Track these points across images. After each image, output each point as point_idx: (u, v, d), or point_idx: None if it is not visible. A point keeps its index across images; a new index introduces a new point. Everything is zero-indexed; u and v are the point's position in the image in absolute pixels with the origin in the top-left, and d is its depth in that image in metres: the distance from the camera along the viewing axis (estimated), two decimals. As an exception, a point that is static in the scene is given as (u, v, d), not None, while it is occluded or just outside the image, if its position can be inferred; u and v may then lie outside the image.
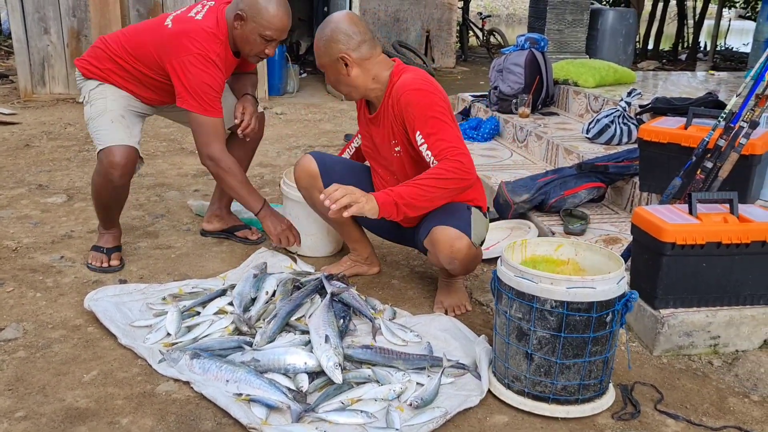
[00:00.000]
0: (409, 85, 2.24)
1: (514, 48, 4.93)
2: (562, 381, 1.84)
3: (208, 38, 2.52)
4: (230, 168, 2.62)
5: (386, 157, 2.43)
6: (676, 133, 2.80)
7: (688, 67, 9.81)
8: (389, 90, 2.31)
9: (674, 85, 5.05)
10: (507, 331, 1.90)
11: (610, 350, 1.85)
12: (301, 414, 1.82)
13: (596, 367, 1.85)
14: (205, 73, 2.50)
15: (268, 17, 2.49)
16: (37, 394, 1.92)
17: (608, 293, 1.78)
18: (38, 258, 2.85)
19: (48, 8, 6.27)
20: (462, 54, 11.14)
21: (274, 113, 6.32)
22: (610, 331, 1.82)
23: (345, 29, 2.25)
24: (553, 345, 1.82)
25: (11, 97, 6.49)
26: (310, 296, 2.37)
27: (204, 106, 2.53)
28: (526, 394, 1.89)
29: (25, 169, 4.19)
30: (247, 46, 2.57)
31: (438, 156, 2.16)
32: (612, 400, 1.92)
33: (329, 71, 2.32)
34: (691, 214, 2.23)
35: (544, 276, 1.80)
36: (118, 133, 2.62)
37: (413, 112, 2.21)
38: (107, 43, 2.70)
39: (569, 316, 1.78)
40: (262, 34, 2.52)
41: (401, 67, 2.34)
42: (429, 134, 2.19)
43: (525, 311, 1.83)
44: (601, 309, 1.78)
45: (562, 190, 3.15)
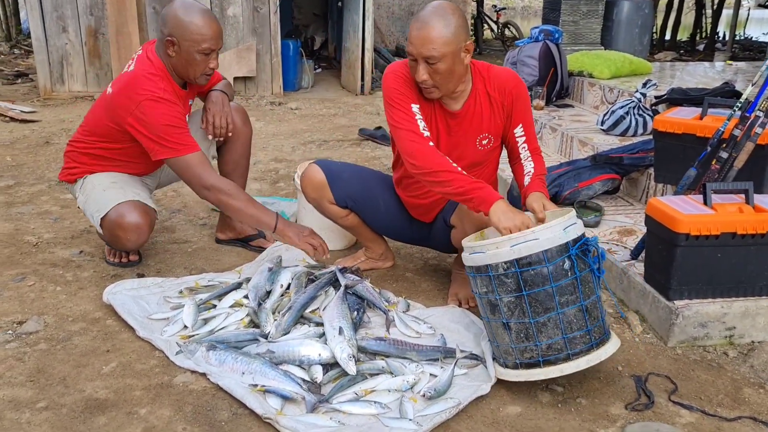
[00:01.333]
0: (516, 77, 2.31)
1: (529, 40, 4.92)
2: (545, 340, 1.85)
3: (147, 79, 2.42)
4: (230, 191, 2.43)
5: (463, 152, 2.34)
6: (692, 123, 2.77)
7: (706, 57, 9.69)
8: (483, 82, 2.28)
9: (690, 76, 5.00)
10: (484, 311, 1.94)
11: (586, 298, 1.85)
12: (315, 404, 1.84)
13: (576, 318, 1.85)
14: (161, 114, 2.39)
15: (197, 30, 2.38)
16: (58, 385, 1.96)
17: (554, 240, 1.81)
18: (58, 253, 2.90)
19: (66, 7, 6.34)
20: (477, 47, 11.10)
21: (288, 108, 6.35)
22: (575, 277, 1.83)
23: (465, 17, 2.19)
24: (521, 306, 1.85)
25: (31, 96, 6.57)
26: (324, 289, 2.39)
27: (175, 147, 2.40)
28: (519, 365, 1.91)
29: (45, 166, 4.25)
30: (190, 67, 2.45)
31: (533, 152, 2.31)
32: (613, 349, 1.90)
33: (449, 60, 2.09)
34: (705, 205, 2.22)
35: (489, 243, 1.86)
36: (114, 195, 2.54)
37: (523, 104, 2.29)
38: (74, 142, 2.69)
39: (524, 273, 1.81)
40: (199, 50, 2.40)
41: (476, 61, 2.31)
42: (527, 128, 2.32)
43: (486, 283, 1.88)
44: (553, 257, 1.80)
45: (576, 182, 3.14)
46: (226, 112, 2.69)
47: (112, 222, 2.51)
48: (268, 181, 4.06)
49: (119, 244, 2.59)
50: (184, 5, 2.42)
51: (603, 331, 1.92)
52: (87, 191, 2.63)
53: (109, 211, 2.51)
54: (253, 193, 3.52)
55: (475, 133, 2.32)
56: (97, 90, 6.55)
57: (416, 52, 2.10)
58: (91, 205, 2.60)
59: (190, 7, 2.42)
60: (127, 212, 2.50)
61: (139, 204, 2.55)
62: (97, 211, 2.56)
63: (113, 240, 2.59)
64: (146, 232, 2.56)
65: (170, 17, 2.41)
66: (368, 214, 2.62)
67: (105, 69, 6.52)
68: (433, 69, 2.11)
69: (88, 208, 2.62)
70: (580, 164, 3.26)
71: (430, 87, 2.16)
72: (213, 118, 2.67)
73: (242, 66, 6.70)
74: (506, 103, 2.28)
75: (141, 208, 2.54)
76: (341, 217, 2.63)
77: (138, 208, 2.52)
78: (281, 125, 5.68)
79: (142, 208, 2.54)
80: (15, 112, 5.64)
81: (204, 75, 2.51)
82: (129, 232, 2.51)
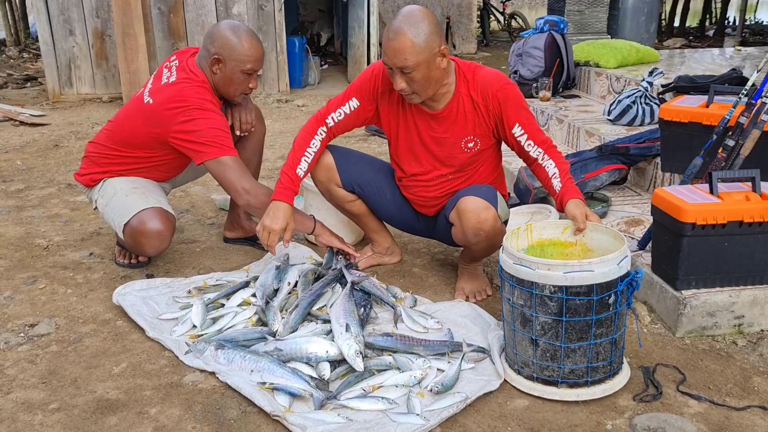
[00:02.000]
0: (501, 79, 2.28)
1: (534, 31, 4.89)
2: (569, 365, 1.84)
3: (195, 90, 2.47)
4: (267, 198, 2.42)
5: (446, 154, 2.37)
6: (698, 111, 2.75)
7: (715, 43, 9.59)
8: (467, 85, 2.27)
9: (698, 63, 4.96)
10: (512, 318, 1.91)
11: (617, 331, 1.85)
12: (323, 401, 1.86)
13: (604, 349, 1.84)
14: (209, 120, 2.45)
15: (244, 51, 2.47)
16: (70, 386, 1.98)
17: (608, 275, 1.77)
18: (68, 255, 2.93)
19: (72, 10, 6.38)
20: (483, 39, 11.05)
21: (295, 106, 6.36)
22: (615, 312, 1.82)
23: (436, 21, 2.16)
24: (556, 330, 1.82)
25: (40, 99, 6.63)
26: (331, 286, 2.40)
27: (222, 148, 2.44)
28: (536, 379, 1.90)
29: (55, 169, 4.29)
30: (232, 86, 2.53)
31: (542, 145, 2.28)
32: (625, 380, 1.91)
33: (423, 68, 2.12)
34: (712, 194, 2.21)
35: (541, 262, 1.81)
36: (137, 201, 2.57)
37: (512, 106, 2.26)
38: (98, 146, 2.70)
39: (569, 301, 1.78)
40: (243, 70, 2.49)
41: (462, 62, 2.32)
42: (526, 126, 2.28)
43: (526, 298, 1.84)
44: (601, 291, 1.78)
45: (583, 173, 3.12)
46: (250, 109, 2.74)
47: (134, 229, 2.53)
48: (275, 178, 4.06)
49: (141, 250, 2.62)
50: (232, 26, 2.52)
51: (621, 360, 1.93)
52: (108, 195, 2.64)
53: (132, 218, 2.53)
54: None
55: (460, 135, 2.32)
56: (105, 92, 6.60)
57: (390, 63, 2.13)
58: (112, 210, 2.62)
59: (238, 29, 2.51)
60: (150, 219, 2.52)
61: (161, 211, 2.57)
62: (119, 217, 2.58)
63: (135, 246, 2.61)
64: (168, 238, 2.59)
65: (219, 36, 2.48)
66: (374, 201, 2.63)
67: (112, 71, 6.56)
68: (409, 78, 2.14)
69: (109, 213, 2.64)
70: (587, 155, 3.25)
71: (410, 94, 2.20)
72: (240, 115, 2.71)
73: (248, 64, 6.70)
74: (491, 108, 2.27)
75: (163, 215, 2.56)
76: (348, 201, 2.63)
77: (160, 215, 2.55)
78: (288, 123, 5.70)
79: (164, 215, 2.57)
80: (25, 116, 5.69)
81: (243, 94, 2.60)
82: (152, 238, 2.54)
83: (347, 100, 2.40)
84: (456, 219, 2.34)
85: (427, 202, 2.52)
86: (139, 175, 2.69)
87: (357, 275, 2.42)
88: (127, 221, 2.55)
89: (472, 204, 2.26)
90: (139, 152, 2.62)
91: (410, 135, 2.40)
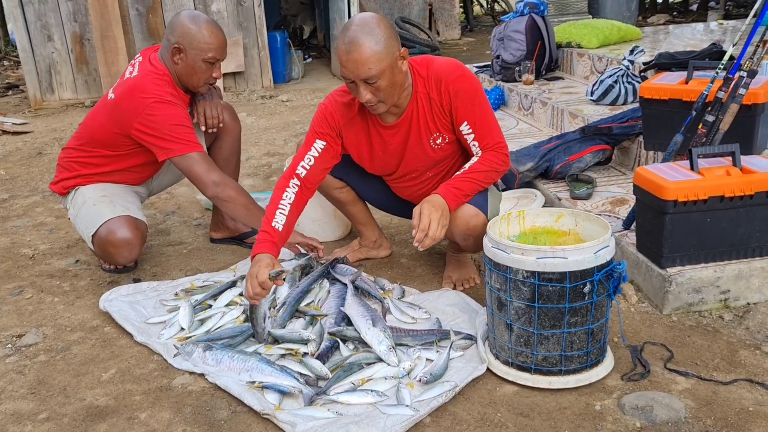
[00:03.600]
0: (453, 71, 2.19)
1: (514, 15, 4.87)
2: (542, 351, 1.84)
3: (154, 83, 2.45)
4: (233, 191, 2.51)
5: (417, 159, 2.34)
6: (677, 88, 2.75)
7: (699, 17, 9.58)
8: (422, 82, 2.22)
9: (679, 39, 4.96)
10: (491, 302, 1.92)
11: (594, 322, 1.82)
12: (313, 397, 1.86)
13: (578, 339, 1.83)
14: (169, 114, 2.44)
15: (204, 39, 2.44)
16: (59, 395, 1.98)
17: (582, 263, 1.76)
18: (54, 263, 2.92)
19: (49, 15, 6.33)
20: (467, 24, 11.01)
21: (279, 101, 6.33)
22: (591, 302, 1.79)
23: (389, 24, 2.08)
24: (529, 315, 1.82)
25: (22, 107, 6.58)
26: (318, 282, 2.40)
27: (187, 144, 2.44)
28: (510, 364, 1.91)
29: (39, 177, 4.26)
30: (194, 76, 2.50)
31: (485, 147, 2.21)
32: (604, 372, 1.89)
33: (387, 75, 2.05)
34: (692, 170, 2.21)
35: (515, 246, 1.80)
36: (104, 210, 2.54)
37: (462, 99, 2.18)
38: (68, 151, 2.70)
39: (541, 287, 1.78)
40: (205, 59, 2.46)
41: (416, 59, 2.25)
42: (476, 124, 2.20)
43: (501, 282, 1.85)
44: (575, 279, 1.76)
45: (567, 155, 3.13)
46: (215, 104, 2.70)
47: (102, 239, 2.52)
48: (261, 176, 4.07)
49: (111, 260, 2.61)
50: (191, 15, 2.50)
51: (601, 351, 1.91)
52: (78, 206, 2.63)
53: (99, 228, 2.52)
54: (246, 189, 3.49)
55: (426, 135, 2.28)
56: (87, 96, 6.56)
57: (353, 75, 2.03)
58: (81, 221, 2.61)
59: (198, 17, 2.49)
60: (117, 228, 2.50)
61: (129, 219, 2.55)
62: (87, 228, 2.57)
63: (105, 256, 2.62)
64: (137, 246, 2.57)
65: (179, 26, 2.46)
66: (362, 188, 2.61)
67: (93, 75, 6.51)
68: (374, 87, 2.05)
69: (79, 224, 2.63)
70: (570, 137, 3.24)
71: (376, 104, 2.12)
72: (204, 110, 2.67)
73: (230, 62, 6.67)
74: (444, 102, 2.21)
75: (131, 223, 2.54)
76: (336, 188, 2.60)
77: (128, 224, 2.53)
78: (272, 118, 5.67)
79: (132, 223, 2.54)
80: (7, 125, 5.65)
81: (207, 84, 2.56)
82: (120, 248, 2.52)
83: (311, 144, 2.28)
84: None
85: (416, 199, 2.51)
86: (109, 179, 2.66)
87: (348, 271, 2.42)
88: (94, 232, 2.53)
89: (461, 211, 2.21)
90: (105, 151, 2.60)
91: (380, 151, 2.34)
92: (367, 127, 2.31)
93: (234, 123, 2.85)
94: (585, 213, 2.04)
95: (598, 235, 1.93)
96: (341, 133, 2.32)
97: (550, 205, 3.00)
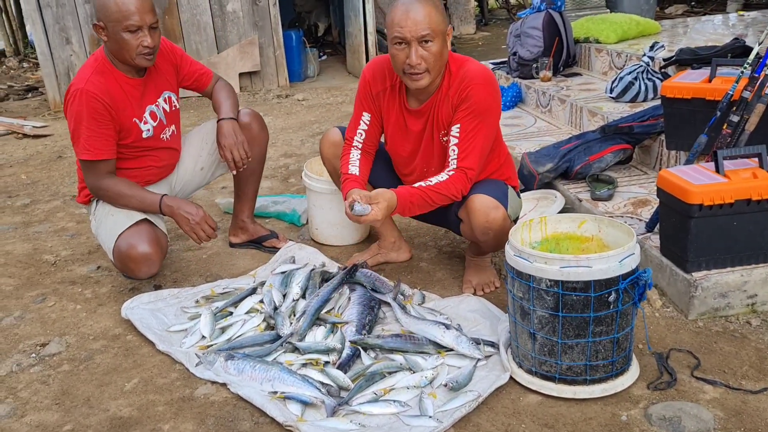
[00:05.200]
0: (475, 78, 2.18)
1: (531, 11, 4.82)
2: (567, 361, 1.82)
3: (80, 73, 2.42)
4: (109, 186, 2.46)
5: (428, 152, 2.34)
6: (700, 87, 2.70)
7: (718, 7, 9.41)
8: (449, 78, 2.23)
9: (699, 33, 4.87)
10: (513, 310, 1.90)
11: (620, 330, 1.80)
12: (335, 408, 1.85)
13: (604, 348, 1.80)
14: (74, 110, 2.38)
15: (116, 8, 2.30)
16: (83, 406, 1.99)
17: (607, 272, 1.73)
18: (76, 270, 2.93)
19: (67, 18, 6.36)
20: (482, 18, 10.93)
21: (296, 100, 6.33)
22: (616, 310, 1.77)
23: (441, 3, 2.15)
24: (553, 324, 1.80)
25: (42, 110, 6.63)
26: (338, 290, 2.39)
27: (80, 150, 2.42)
28: (534, 373, 1.89)
29: (59, 181, 4.29)
30: (124, 50, 2.37)
31: (460, 164, 2.20)
32: (630, 381, 1.87)
33: (438, 42, 2.11)
34: (717, 173, 2.17)
35: (538, 255, 1.78)
36: (122, 219, 2.48)
37: (470, 106, 2.17)
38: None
39: (565, 296, 1.75)
40: (124, 27, 2.31)
41: (454, 55, 2.25)
42: (467, 135, 2.19)
43: (524, 290, 1.82)
44: (600, 288, 1.73)
45: (587, 155, 3.09)
46: (240, 142, 2.59)
47: (122, 254, 2.44)
48: (279, 178, 4.06)
49: (132, 274, 2.51)
50: None
51: (626, 360, 1.88)
52: (99, 217, 2.59)
53: (118, 241, 2.45)
54: (264, 192, 3.52)
55: (438, 129, 2.29)
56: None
57: (409, 33, 2.09)
58: (102, 233, 2.57)
59: None
60: (137, 243, 2.42)
61: (149, 230, 2.47)
62: (106, 241, 2.53)
63: (126, 270, 2.51)
64: (157, 262, 2.47)
65: (96, 3, 2.37)
66: (379, 178, 2.57)
67: (111, 77, 6.54)
68: (426, 49, 2.10)
69: (100, 236, 2.60)
70: (590, 137, 3.20)
71: (423, 72, 2.14)
72: (231, 154, 2.57)
73: (246, 61, 6.68)
74: (455, 102, 2.21)
75: (150, 236, 2.45)
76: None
77: (148, 236, 2.44)
78: (289, 118, 5.67)
79: (152, 235, 2.46)
80: (27, 129, 5.69)
81: (141, 55, 2.39)
82: (140, 263, 2.43)
83: (360, 117, 2.41)
84: (465, 216, 2.30)
85: None
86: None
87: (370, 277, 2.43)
88: (113, 245, 2.47)
89: (480, 203, 2.21)
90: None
91: (401, 131, 2.38)
92: (396, 104, 2.36)
93: (262, 133, 2.82)
94: (608, 218, 2.01)
95: (622, 242, 1.90)
96: (380, 102, 2.38)
97: (571, 206, 2.97)
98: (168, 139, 2.68)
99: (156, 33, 2.42)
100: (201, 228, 2.47)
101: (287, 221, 3.31)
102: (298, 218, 3.26)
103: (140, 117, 2.54)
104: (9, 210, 3.80)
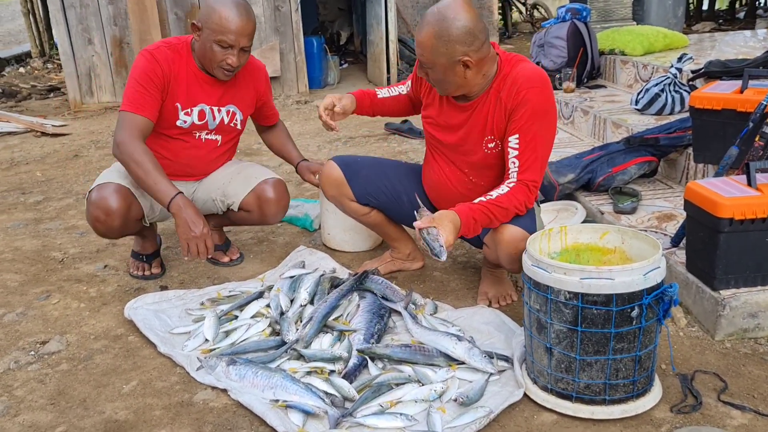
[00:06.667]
0: (531, 80, 2.04)
1: (555, 21, 4.74)
2: (585, 379, 1.71)
3: (158, 42, 2.50)
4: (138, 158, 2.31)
5: (469, 150, 2.22)
6: (731, 98, 2.59)
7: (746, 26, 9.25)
8: (498, 81, 2.10)
9: (729, 47, 4.75)
10: (529, 323, 1.80)
11: (642, 348, 1.69)
12: (338, 419, 1.76)
13: (625, 366, 1.69)
14: (136, 67, 2.43)
15: (219, 21, 2.32)
16: (78, 407, 1.92)
17: (630, 285, 1.62)
18: (83, 268, 2.88)
19: (90, 19, 6.39)
20: (506, 31, 10.85)
21: (315, 106, 6.29)
22: (639, 327, 1.66)
23: (472, 28, 1.97)
24: (571, 339, 1.69)
25: (62, 109, 6.66)
26: (347, 296, 2.30)
27: (125, 102, 2.40)
28: (550, 391, 1.78)
29: (74, 180, 4.27)
30: (206, 56, 2.41)
31: (521, 176, 2.05)
32: (652, 403, 1.75)
33: (439, 70, 2.03)
34: (749, 186, 2.06)
35: (557, 265, 1.67)
36: (113, 174, 2.48)
37: (526, 111, 2.02)
38: None
39: (585, 309, 1.64)
40: (217, 40, 2.35)
41: (507, 55, 2.14)
42: (527, 145, 2.04)
43: (541, 302, 1.72)
44: (622, 302, 1.62)
45: (610, 167, 2.99)
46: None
47: (91, 198, 2.43)
48: (294, 182, 4.00)
49: (91, 222, 2.45)
50: None
51: (649, 380, 1.77)
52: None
53: (96, 188, 2.45)
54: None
55: (481, 134, 2.16)
56: (126, 100, 6.60)
57: (416, 53, 2.09)
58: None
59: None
60: (109, 195, 2.40)
61: (127, 194, 2.43)
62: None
63: (88, 218, 2.47)
64: (116, 219, 2.40)
65: (205, 4, 2.41)
66: (392, 210, 2.51)
67: (132, 78, 6.55)
68: (426, 72, 2.10)
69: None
70: (614, 148, 3.10)
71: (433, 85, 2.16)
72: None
73: (266, 66, 6.64)
74: (508, 106, 2.07)
75: (126, 196, 2.42)
76: (363, 214, 2.53)
77: (123, 195, 2.41)
78: (307, 124, 5.62)
79: (127, 198, 2.43)
80: (47, 127, 5.71)
81: (221, 68, 2.43)
82: (99, 210, 2.39)
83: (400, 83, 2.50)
84: (491, 243, 2.18)
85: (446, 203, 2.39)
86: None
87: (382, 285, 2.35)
88: (88, 194, 2.48)
89: (510, 235, 2.07)
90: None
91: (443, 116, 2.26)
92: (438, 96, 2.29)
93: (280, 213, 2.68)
94: (632, 230, 1.90)
95: (646, 254, 1.80)
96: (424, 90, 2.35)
97: (592, 218, 2.87)
98: (203, 142, 2.61)
99: (245, 55, 2.46)
100: (196, 243, 2.29)
101: (299, 226, 3.24)
102: (310, 223, 3.19)
103: (185, 106, 2.51)
104: (21, 206, 3.78)
